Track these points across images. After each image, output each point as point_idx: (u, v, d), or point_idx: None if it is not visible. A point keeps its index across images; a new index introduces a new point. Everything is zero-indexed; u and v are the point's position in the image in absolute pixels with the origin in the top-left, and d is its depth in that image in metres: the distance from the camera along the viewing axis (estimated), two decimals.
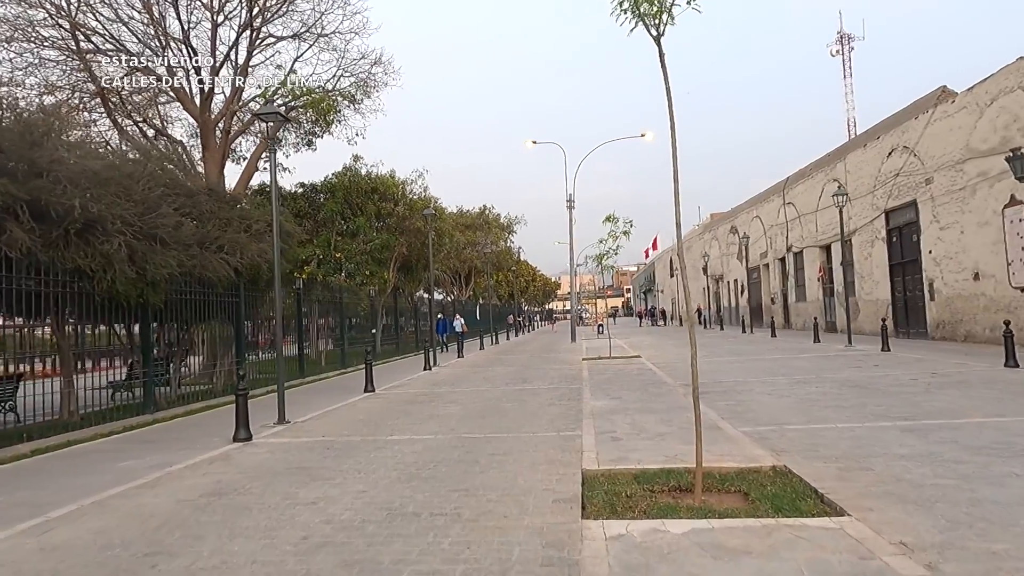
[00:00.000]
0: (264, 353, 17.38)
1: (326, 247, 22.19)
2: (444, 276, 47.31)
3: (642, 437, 7.21)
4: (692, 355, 5.39)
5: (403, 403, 11.06)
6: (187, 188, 12.94)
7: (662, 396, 10.41)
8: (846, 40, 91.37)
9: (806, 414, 8.18)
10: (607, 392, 11.26)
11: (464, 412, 9.67)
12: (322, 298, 20.46)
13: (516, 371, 16.31)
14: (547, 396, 11.13)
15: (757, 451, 6.25)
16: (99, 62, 17.69)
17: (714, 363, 15.68)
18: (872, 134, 22.84)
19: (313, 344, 23.98)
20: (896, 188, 21.02)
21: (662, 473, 5.66)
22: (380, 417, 9.55)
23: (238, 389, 8.03)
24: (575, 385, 12.62)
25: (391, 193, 27.19)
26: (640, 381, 12.69)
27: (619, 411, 9.10)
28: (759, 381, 11.72)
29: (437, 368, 18.34)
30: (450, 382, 14.36)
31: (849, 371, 12.62)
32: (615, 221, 19.39)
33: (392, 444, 7.44)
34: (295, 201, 24.67)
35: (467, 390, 12.63)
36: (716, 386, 11.35)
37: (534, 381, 13.68)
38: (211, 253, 12.40)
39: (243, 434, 7.99)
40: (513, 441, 7.32)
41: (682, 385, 11.67)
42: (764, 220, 35.25)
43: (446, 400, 11.19)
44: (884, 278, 22.15)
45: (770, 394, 10.04)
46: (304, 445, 7.63)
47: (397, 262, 29.25)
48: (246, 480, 6.00)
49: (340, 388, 14.07)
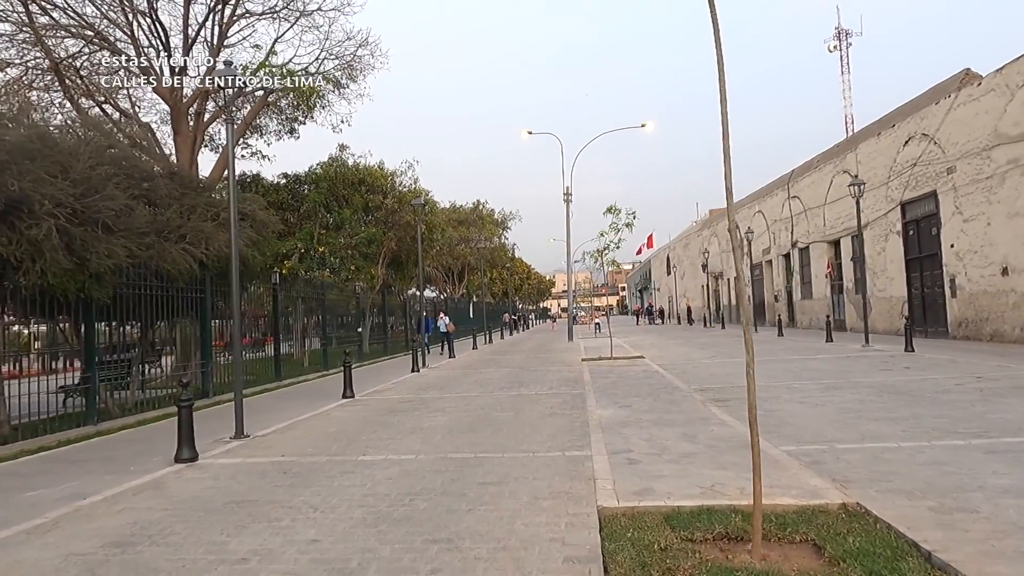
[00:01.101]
0: (247, 353, 16.01)
1: (309, 240, 20.84)
2: (436, 273, 46.01)
3: (665, 458, 5.95)
4: (748, 362, 4.11)
5: (383, 412, 9.76)
6: (144, 170, 11.60)
7: (677, 404, 9.16)
8: (844, 36, 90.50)
9: (854, 428, 6.94)
10: (614, 398, 10.00)
11: (452, 424, 8.39)
12: (304, 294, 19.11)
13: (511, 373, 15.05)
14: (547, 403, 9.87)
15: (814, 480, 5.01)
16: (58, 37, 16.29)
17: (726, 365, 14.46)
18: (886, 122, 21.67)
19: (298, 343, 22.67)
20: (913, 179, 19.85)
21: (702, 514, 4.40)
22: (355, 430, 8.26)
23: (180, 400, 6.72)
24: (577, 390, 11.36)
25: (379, 185, 25.86)
26: (649, 385, 11.45)
27: (631, 423, 7.85)
28: (783, 386, 10.49)
29: (426, 370, 17.05)
30: (439, 386, 13.08)
31: (879, 374, 11.41)
32: (617, 213, 18.21)
33: (363, 467, 6.16)
34: (277, 192, 23.29)
35: (457, 396, 11.36)
36: (737, 391, 10.11)
37: (531, 385, 12.42)
38: (171, 243, 11.09)
39: (186, 453, 6.69)
40: (509, 463, 6.05)
41: (697, 391, 10.43)
42: (767, 215, 34.09)
43: (433, 408, 9.91)
44: (899, 274, 20.98)
45: (801, 402, 8.80)
46: (257, 468, 6.33)
47: (386, 258, 27.94)
48: (170, 521, 4.70)
49: (317, 393, 12.77)
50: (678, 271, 58.49)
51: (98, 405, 10.06)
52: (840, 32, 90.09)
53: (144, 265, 10.44)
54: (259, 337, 26.05)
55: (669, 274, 65.01)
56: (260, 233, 14.09)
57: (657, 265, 75.77)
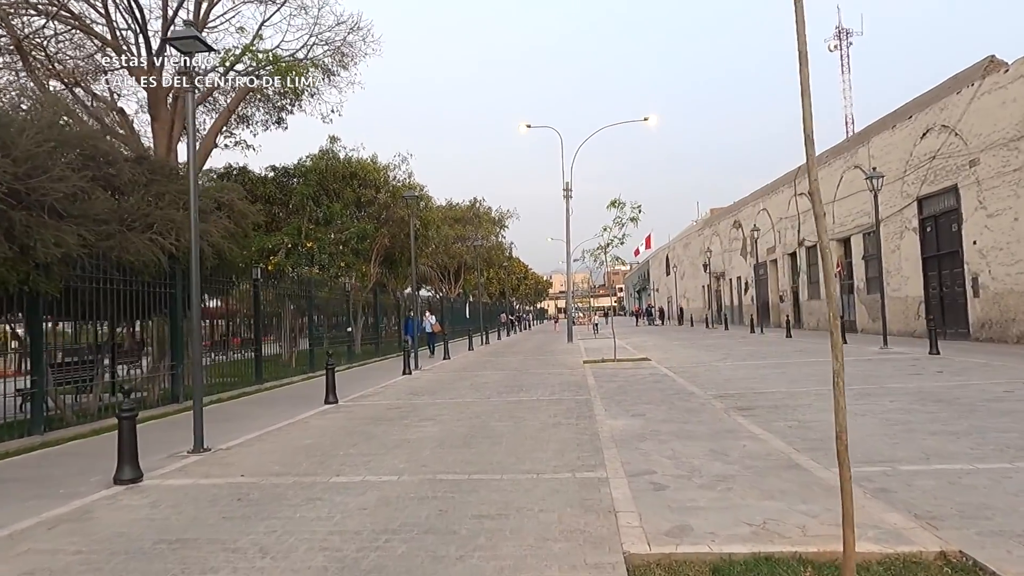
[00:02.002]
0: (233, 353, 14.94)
1: (296, 236, 19.79)
2: (432, 272, 45.00)
3: (697, 483, 4.96)
4: (836, 371, 3.12)
5: (367, 420, 8.74)
6: (106, 151, 10.56)
7: (696, 413, 8.17)
8: (844, 35, 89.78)
9: (912, 444, 5.95)
10: (624, 405, 9.01)
11: (443, 435, 7.38)
12: (290, 292, 18.06)
13: (509, 377, 14.04)
14: (549, 411, 8.86)
15: (891, 516, 4.01)
16: (28, 15, 15.23)
17: (741, 369, 13.47)
18: (902, 114, 20.73)
19: (286, 343, 21.61)
20: (932, 172, 18.90)
21: (760, 565, 3.41)
22: (332, 443, 7.24)
23: (121, 410, 5.70)
24: (582, 395, 10.36)
25: (372, 179, 24.81)
26: (660, 391, 10.45)
27: (648, 435, 6.85)
28: (810, 392, 9.50)
29: (418, 372, 16.03)
30: (431, 390, 12.07)
31: (911, 379, 10.44)
32: (621, 206, 17.25)
33: (334, 492, 5.15)
34: (264, 185, 22.24)
35: (450, 402, 10.34)
36: (760, 398, 9.13)
37: (531, 390, 11.42)
38: (136, 233, 10.06)
39: (128, 473, 5.67)
40: (509, 488, 5.05)
41: (715, 397, 9.44)
42: (772, 213, 33.15)
43: (423, 416, 8.90)
44: (915, 272, 20.04)
45: None
46: (208, 492, 5.31)
47: (379, 255, 26.92)
48: (77, 572, 3.69)
49: (299, 397, 11.75)
50: (678, 271, 57.57)
51: (49, 412, 9.03)
52: (841, 31, 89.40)
53: (103, 256, 9.42)
54: (250, 337, 25.04)
55: (668, 275, 64.08)
56: (239, 225, 13.07)
57: (656, 266, 74.88)
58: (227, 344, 15.90)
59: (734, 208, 40.88)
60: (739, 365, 14.18)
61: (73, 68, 16.16)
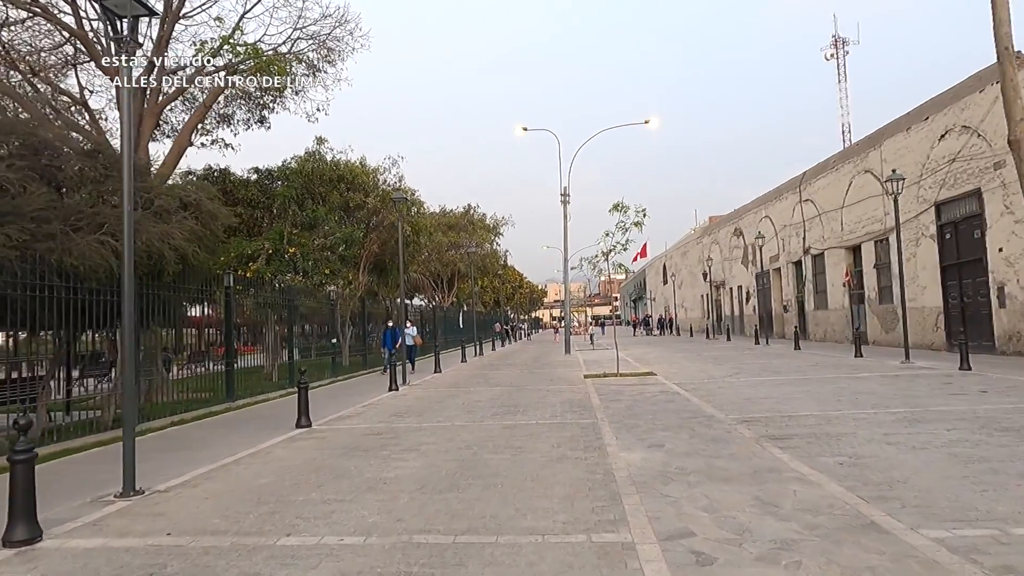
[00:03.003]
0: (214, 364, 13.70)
1: (278, 241, 18.58)
2: (424, 280, 43.82)
3: (752, 552, 3.79)
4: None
5: (340, 451, 7.54)
6: (49, 142, 9.37)
7: (723, 443, 7.00)
8: (841, 44, 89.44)
9: (1008, 494, 4.79)
10: (637, 432, 7.84)
11: (427, 474, 6.19)
12: (271, 300, 16.81)
13: (505, 394, 12.85)
14: (551, 439, 7.68)
15: None
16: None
17: (759, 386, 12.33)
18: (917, 115, 19.74)
19: (268, 356, 20.36)
20: (951, 176, 17.90)
21: None
22: (292, 483, 6.04)
23: (13, 451, 4.50)
24: (587, 418, 9.19)
25: (361, 182, 23.69)
26: (674, 413, 9.29)
27: (673, 475, 5.69)
28: (847, 417, 8.36)
29: (406, 388, 14.81)
30: (418, 411, 10.86)
31: (958, 401, 9.31)
32: (624, 210, 16.15)
33: (279, 564, 3.95)
34: (246, 188, 21.06)
35: (438, 425, 9.15)
36: (792, 424, 7.97)
37: (530, 411, 10.23)
38: (83, 234, 8.88)
39: (22, 533, 4.45)
40: (507, 562, 3.86)
41: (739, 421, 8.28)
42: (775, 220, 32.15)
43: (405, 445, 7.70)
44: (933, 282, 18.99)
45: (890, 442, 6.67)
46: (116, 563, 4.11)
47: (369, 262, 25.74)
48: None
49: (271, 418, 10.53)
50: (676, 280, 56.56)
51: None
52: (837, 40, 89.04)
53: (41, 259, 8.23)
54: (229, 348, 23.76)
55: (666, 284, 63.09)
56: (208, 227, 11.88)
57: (653, 275, 73.93)
58: (203, 356, 14.73)
59: (735, 216, 39.91)
60: (755, 382, 13.04)
61: (34, 57, 14.98)
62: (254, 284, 15.93)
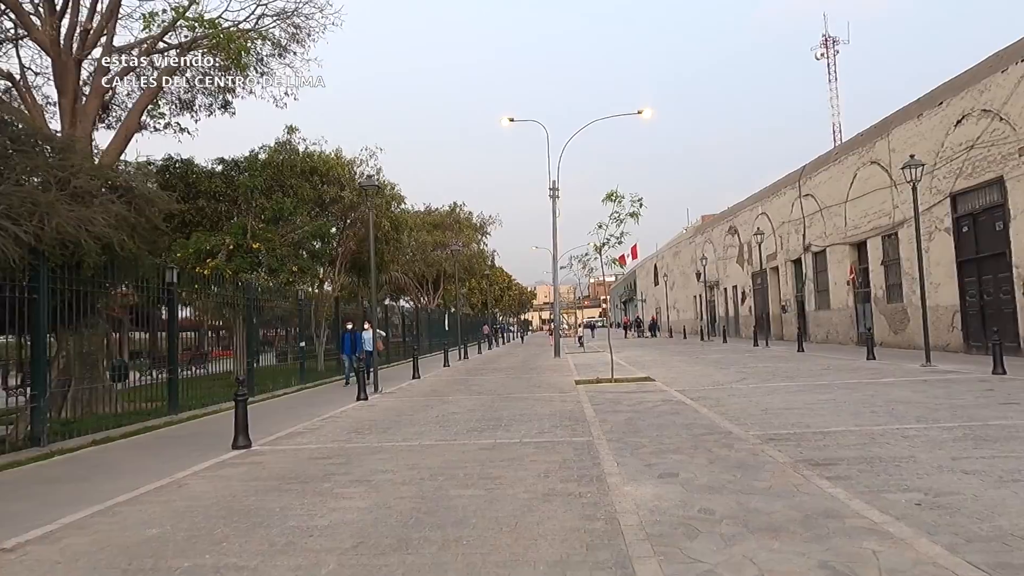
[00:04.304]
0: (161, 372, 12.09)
1: (240, 235, 16.98)
2: (409, 281, 42.26)
3: None
4: None
5: (270, 485, 6.01)
6: None
7: (751, 470, 5.56)
8: (831, 43, 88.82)
9: None
10: (643, 455, 6.37)
11: (370, 521, 4.69)
12: (228, 300, 15.19)
13: (486, 404, 11.36)
14: (538, 465, 6.20)
15: None
16: None
17: (773, 394, 10.90)
18: (929, 101, 18.48)
19: (237, 360, 18.73)
20: (970, 164, 16.62)
21: None
22: (187, 538, 4.52)
23: None
24: (580, 435, 7.73)
25: (336, 175, 22.15)
26: (683, 427, 7.84)
27: (698, 522, 4.22)
28: (895, 433, 6.93)
29: (377, 396, 13.29)
30: (383, 426, 9.34)
31: (1016, 414, 7.92)
32: (619, 200, 14.70)
33: None
34: (210, 180, 19.47)
35: (402, 445, 7.64)
36: (828, 442, 6.53)
37: (513, 425, 8.75)
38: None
39: None
40: None
41: (765, 440, 6.84)
42: (773, 217, 30.89)
43: (354, 476, 6.18)
44: (949, 278, 17.70)
45: (966, 470, 5.24)
46: None
47: (346, 260, 24.18)
48: None
49: (209, 436, 8.97)
50: (668, 281, 55.29)
51: None
52: (827, 39, 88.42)
53: None
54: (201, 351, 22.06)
55: (657, 285, 61.84)
56: (142, 213, 10.32)
57: (643, 276, 72.65)
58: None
59: (729, 214, 38.66)
60: (767, 388, 11.63)
61: None
62: (209, 282, 14.30)
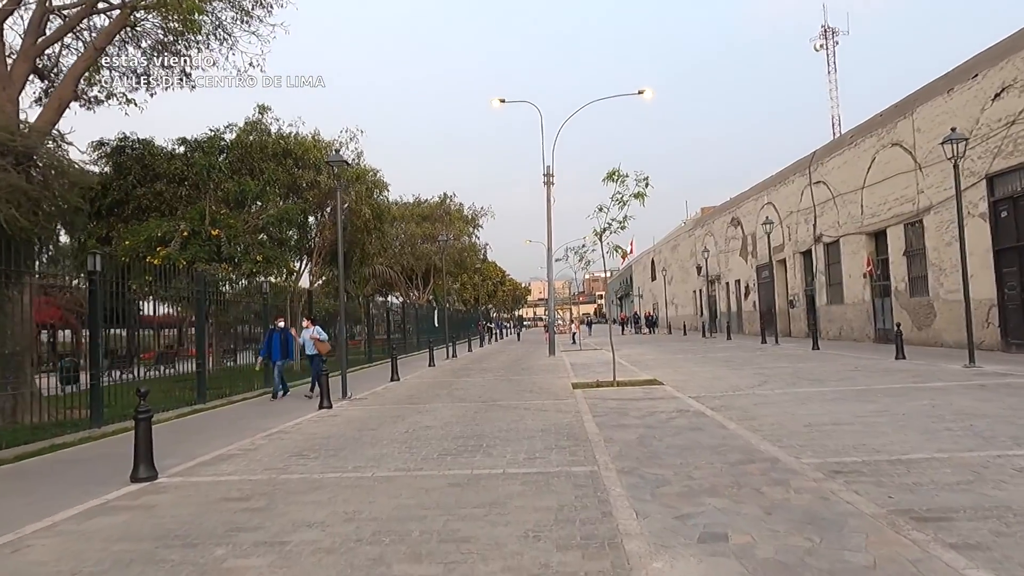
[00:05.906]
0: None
1: (198, 221, 15.15)
2: (397, 275, 40.40)
3: None
4: None
5: (142, 552, 4.24)
6: None
7: (831, 529, 3.83)
8: (830, 34, 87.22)
9: None
10: (668, 498, 4.64)
11: None
12: (172, 294, 13.30)
13: (468, 415, 9.61)
14: (525, 516, 4.47)
15: None
16: None
17: (808, 402, 9.15)
18: (962, 73, 16.80)
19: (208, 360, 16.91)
20: (1010, 141, 14.96)
21: None
22: None
23: None
24: (581, 462, 5.99)
25: (312, 158, 20.33)
26: (712, 450, 6.11)
27: None
28: (1002, 465, 5.22)
29: (345, 403, 11.53)
30: (336, 445, 7.58)
31: None
32: (622, 180, 12.92)
33: None
34: (171, 162, 17.60)
35: (350, 478, 5.88)
36: (923, 479, 4.79)
37: (497, 446, 7.00)
38: None
39: None
40: None
41: (828, 473, 5.11)
42: (779, 207, 29.24)
43: (268, 531, 4.43)
44: (983, 269, 16.03)
45: None
46: None
47: (324, 251, 22.37)
48: None
49: (114, 461, 7.15)
50: (666, 276, 53.65)
51: None
52: (827, 30, 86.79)
53: None
54: (166, 349, 20.21)
55: (654, 280, 60.20)
56: (49, 187, 8.49)
57: (640, 270, 71.03)
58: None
59: (731, 204, 36.98)
60: (796, 395, 9.92)
61: None
62: (161, 273, 12.47)
